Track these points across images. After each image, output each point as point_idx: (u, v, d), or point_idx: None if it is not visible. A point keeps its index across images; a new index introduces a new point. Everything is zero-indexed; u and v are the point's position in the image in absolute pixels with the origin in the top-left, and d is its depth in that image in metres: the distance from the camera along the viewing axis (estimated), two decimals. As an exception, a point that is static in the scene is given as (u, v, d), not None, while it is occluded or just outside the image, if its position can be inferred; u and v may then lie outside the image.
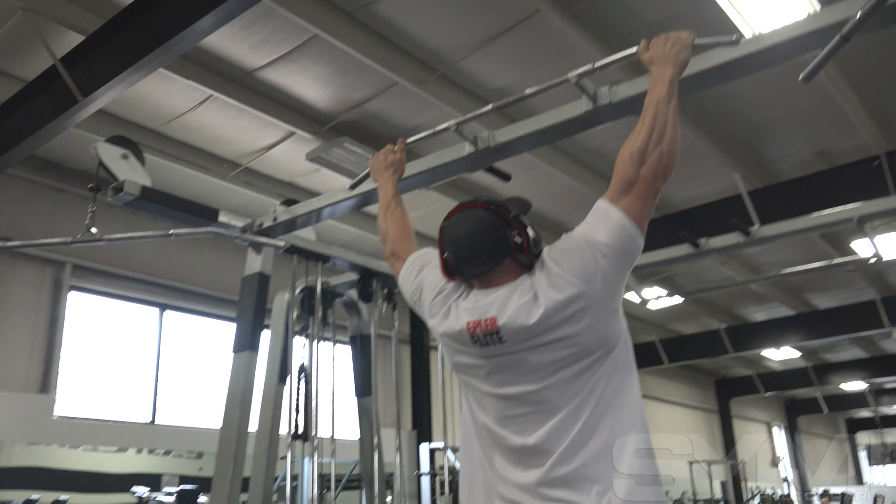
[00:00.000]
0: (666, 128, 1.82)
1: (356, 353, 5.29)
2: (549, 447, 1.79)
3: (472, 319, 1.89)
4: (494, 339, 1.85)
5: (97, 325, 7.63)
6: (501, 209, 1.95)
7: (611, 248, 1.78)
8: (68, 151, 6.76)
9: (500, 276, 1.92)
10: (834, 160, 7.29)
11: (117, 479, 7.64)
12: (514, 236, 1.90)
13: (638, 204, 1.81)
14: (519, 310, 1.82)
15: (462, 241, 1.94)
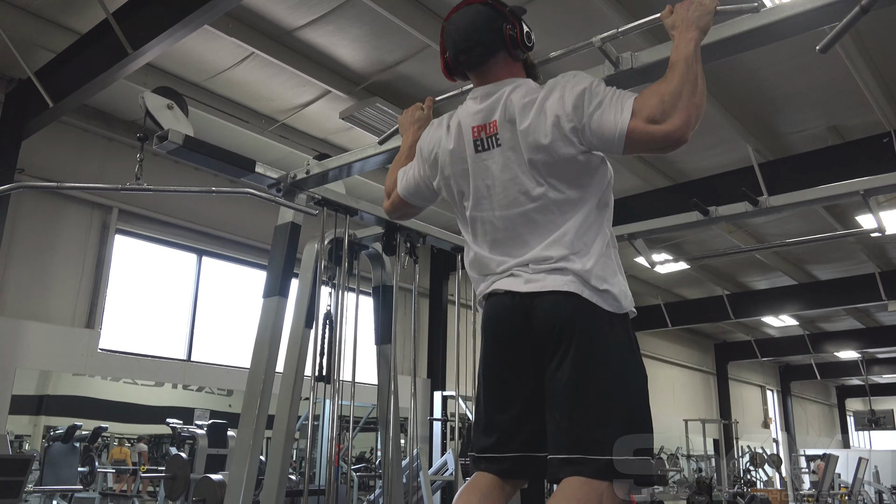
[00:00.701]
0: (697, 82, 1.75)
1: (378, 303, 5.31)
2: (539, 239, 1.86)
3: (477, 124, 1.93)
4: (493, 143, 1.89)
5: (140, 266, 7.72)
6: (497, 3, 1.97)
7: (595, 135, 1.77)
8: (118, 102, 6.79)
9: (496, 69, 1.95)
10: (845, 135, 7.14)
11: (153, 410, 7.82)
12: (509, 29, 1.92)
13: (646, 138, 1.73)
14: (514, 108, 1.86)
15: (459, 32, 1.96)
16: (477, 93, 1.97)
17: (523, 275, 1.85)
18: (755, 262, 11.63)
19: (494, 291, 1.92)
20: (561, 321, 1.77)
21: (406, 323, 9.43)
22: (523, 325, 1.84)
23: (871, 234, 5.20)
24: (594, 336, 1.76)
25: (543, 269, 1.83)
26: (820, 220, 9.29)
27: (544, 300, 1.80)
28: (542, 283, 1.81)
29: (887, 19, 5.39)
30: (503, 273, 1.90)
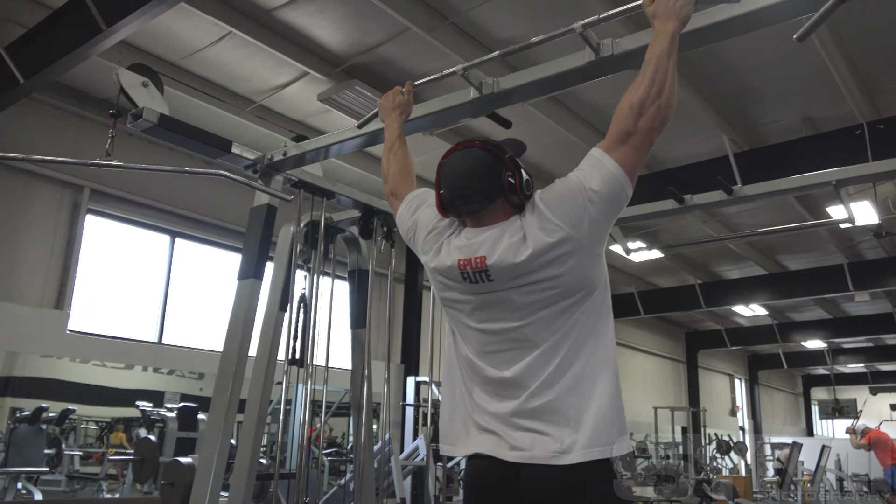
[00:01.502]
0: (665, 82, 1.77)
1: (354, 287, 5.30)
2: (526, 381, 1.80)
3: (463, 257, 1.89)
4: (483, 277, 1.85)
5: (112, 247, 7.62)
6: (498, 149, 1.92)
7: (601, 195, 1.77)
8: (91, 79, 6.66)
9: (492, 215, 1.91)
10: (819, 127, 7.24)
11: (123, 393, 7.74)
12: (508, 177, 1.87)
13: (632, 156, 1.78)
14: (508, 249, 1.81)
15: (458, 178, 1.90)
16: (470, 233, 1.93)
17: (507, 435, 1.81)
18: (728, 251, 11.79)
19: (477, 455, 1.87)
20: (551, 493, 1.74)
21: (381, 308, 9.43)
22: (510, 493, 1.80)
23: (840, 224, 5.29)
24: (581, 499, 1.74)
25: (532, 429, 1.78)
26: (792, 210, 9.43)
27: (532, 472, 1.76)
28: (529, 452, 1.77)
29: (863, 11, 5.46)
30: (486, 423, 1.87)
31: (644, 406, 14.77)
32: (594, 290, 1.84)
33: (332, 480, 7.98)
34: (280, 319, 4.39)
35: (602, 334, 1.84)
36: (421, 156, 7.58)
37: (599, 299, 1.86)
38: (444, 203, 1.97)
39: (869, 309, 15.84)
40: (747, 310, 15.23)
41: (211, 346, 7.97)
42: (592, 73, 2.96)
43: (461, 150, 1.95)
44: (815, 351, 19.88)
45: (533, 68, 3.13)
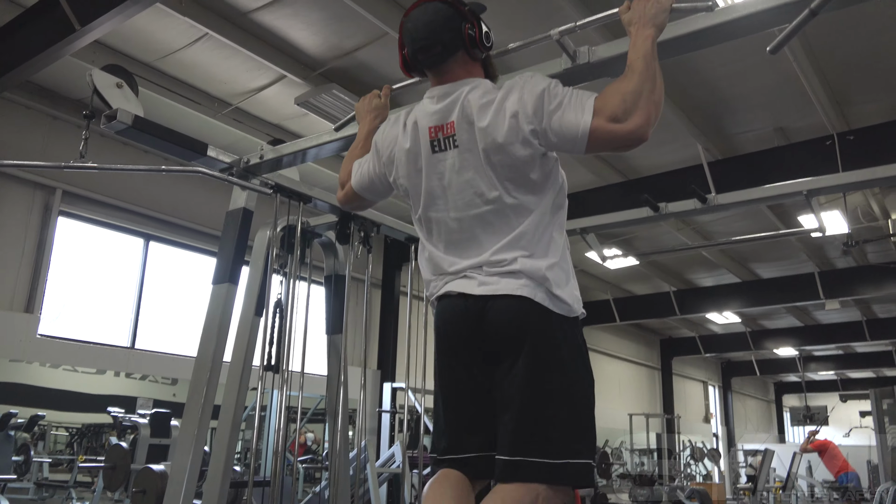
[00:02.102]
0: (656, 80, 1.78)
1: (330, 292, 5.28)
2: (489, 245, 1.86)
3: (434, 125, 1.92)
4: (450, 143, 1.88)
5: (84, 250, 7.51)
6: (458, 3, 1.97)
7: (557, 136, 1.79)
8: (64, 80, 6.57)
9: (454, 69, 1.95)
10: (790, 137, 7.36)
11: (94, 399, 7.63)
12: (468, 28, 1.93)
13: (608, 137, 1.76)
14: (472, 108, 1.86)
15: (419, 30, 1.95)
16: (434, 92, 1.97)
17: (477, 277, 1.86)
18: (702, 259, 11.92)
19: (447, 293, 1.92)
20: (513, 325, 1.78)
21: (357, 313, 9.39)
22: (476, 328, 1.84)
23: (812, 233, 5.38)
24: (545, 341, 1.78)
25: (497, 272, 1.83)
26: (765, 219, 9.57)
27: (497, 303, 1.81)
28: (495, 286, 1.82)
29: (835, 24, 5.57)
30: (456, 274, 1.91)
31: (619, 413, 14.85)
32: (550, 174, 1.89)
33: (308, 488, 7.91)
34: (255, 324, 4.36)
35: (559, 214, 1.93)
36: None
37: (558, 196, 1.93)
38: (406, 60, 2.04)
39: (839, 317, 16.10)
40: (721, 317, 15.40)
41: (185, 351, 7.88)
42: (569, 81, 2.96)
43: (422, 4, 1.99)
44: (786, 358, 20.15)
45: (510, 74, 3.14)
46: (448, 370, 1.92)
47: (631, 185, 8.13)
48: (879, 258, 11.59)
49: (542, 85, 1.82)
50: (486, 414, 1.84)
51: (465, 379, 1.88)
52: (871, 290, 11.84)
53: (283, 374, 4.36)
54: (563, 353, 1.79)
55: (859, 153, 6.47)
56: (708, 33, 2.54)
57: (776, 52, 2.10)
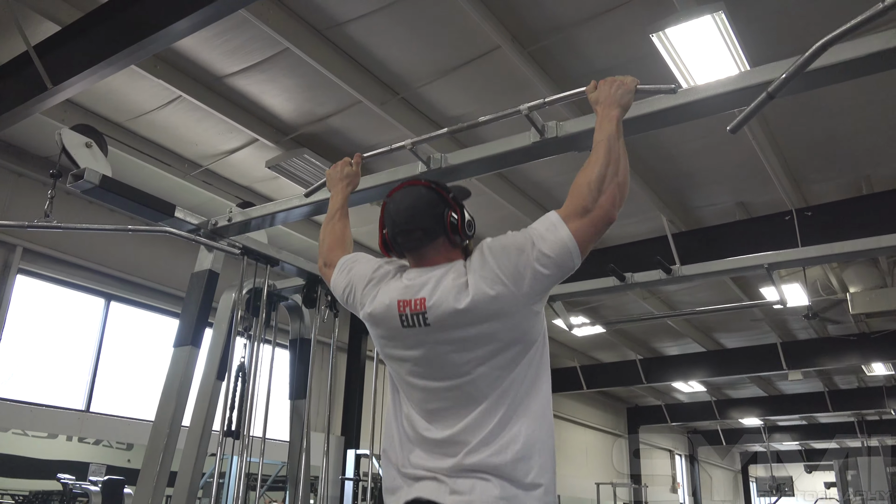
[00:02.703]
0: (620, 161, 1.82)
1: (295, 356, 5.21)
2: (466, 438, 1.78)
3: (403, 298, 1.87)
4: (421, 321, 1.83)
5: (42, 309, 7.32)
6: (441, 188, 1.96)
7: (551, 260, 1.76)
8: (31, 137, 6.52)
9: (434, 254, 1.91)
10: (751, 212, 7.57)
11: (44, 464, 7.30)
12: (450, 215, 1.91)
13: (589, 231, 1.78)
14: (448, 292, 1.80)
15: (400, 214, 1.92)
16: (411, 274, 1.93)
17: (447, 482, 1.78)
18: (667, 328, 12.02)
19: (417, 499, 1.83)
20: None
21: (322, 378, 9.24)
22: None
23: (773, 305, 5.49)
24: None
25: (469, 470, 1.76)
26: (728, 290, 9.73)
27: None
28: (468, 496, 1.74)
29: (793, 107, 5.81)
30: (426, 473, 1.84)
31: (586, 481, 14.66)
32: (531, 346, 1.83)
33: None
34: (217, 389, 4.27)
35: (539, 389, 1.84)
36: (367, 226, 7.62)
37: (538, 355, 1.85)
38: (386, 241, 2.00)
39: (802, 388, 16.26)
40: (686, 386, 15.45)
41: (142, 414, 7.64)
42: (537, 153, 3.06)
43: (405, 188, 1.98)
44: (752, 428, 20.20)
45: (480, 146, 3.21)
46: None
47: (598, 255, 8.20)
48: (839, 331, 11.81)
49: (503, 241, 1.84)
50: None
51: None
52: (831, 361, 12.02)
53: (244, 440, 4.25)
54: None
55: (817, 229, 6.67)
56: (671, 113, 2.64)
57: (735, 131, 2.18)
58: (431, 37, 5.11)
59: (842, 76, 2.43)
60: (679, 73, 5.04)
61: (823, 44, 1.97)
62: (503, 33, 4.95)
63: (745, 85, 2.48)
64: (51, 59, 4.28)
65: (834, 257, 4.70)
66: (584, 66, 5.31)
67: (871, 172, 6.84)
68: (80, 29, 4.19)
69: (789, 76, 2.07)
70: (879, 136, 6.25)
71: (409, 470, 1.87)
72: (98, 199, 4.22)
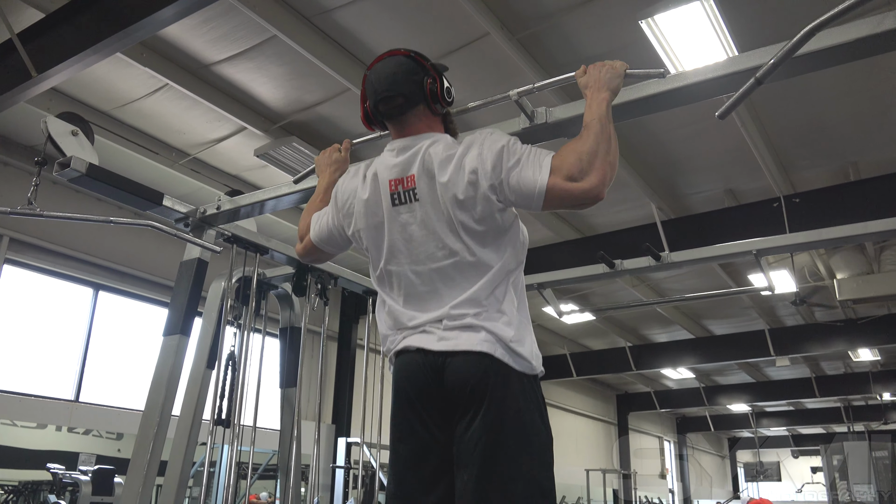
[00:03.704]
0: (611, 142, 1.82)
1: (285, 344, 5.20)
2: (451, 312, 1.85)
3: (394, 178, 1.93)
4: (411, 197, 1.89)
5: (30, 299, 7.28)
6: (420, 57, 2.01)
7: (514, 192, 1.81)
8: (16, 125, 6.46)
9: (415, 122, 1.97)
10: (739, 198, 7.60)
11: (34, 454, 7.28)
12: (430, 82, 1.97)
13: (564, 195, 1.77)
14: (433, 163, 1.88)
15: (381, 82, 1.98)
16: (395, 145, 1.98)
17: (436, 332, 1.85)
18: (656, 315, 12.08)
19: (406, 348, 1.90)
20: (473, 381, 1.77)
21: (312, 366, 9.24)
22: (435, 383, 1.83)
23: (761, 292, 5.52)
24: (505, 398, 1.77)
25: (457, 327, 1.83)
26: (716, 277, 9.78)
27: (457, 359, 1.80)
28: (455, 341, 1.82)
29: (781, 93, 5.83)
30: (415, 329, 1.90)
31: (576, 468, 14.76)
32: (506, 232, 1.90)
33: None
34: (207, 377, 4.25)
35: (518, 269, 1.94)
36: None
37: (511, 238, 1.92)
38: (367, 113, 2.07)
39: (789, 374, 16.40)
40: (675, 373, 15.55)
41: (132, 404, 7.62)
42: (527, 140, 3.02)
43: (385, 57, 2.03)
44: (739, 414, 20.37)
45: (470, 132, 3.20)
46: (406, 426, 1.89)
47: (587, 242, 8.26)
48: (826, 317, 11.91)
49: (502, 142, 1.85)
50: (443, 471, 1.82)
51: (424, 435, 1.85)
52: (818, 347, 12.12)
53: (234, 429, 4.25)
54: (522, 411, 1.78)
55: (805, 215, 6.70)
56: (660, 99, 2.64)
57: (724, 117, 2.18)
58: (420, 24, 5.09)
59: (829, 62, 2.43)
60: (668, 59, 5.05)
61: (811, 29, 1.97)
62: (492, 20, 4.94)
63: (733, 70, 2.48)
64: (35, 46, 4.23)
65: (821, 243, 4.73)
66: (573, 52, 5.30)
67: (858, 159, 6.89)
68: (65, 16, 4.14)
69: (777, 62, 2.07)
70: (867, 122, 6.28)
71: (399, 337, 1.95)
72: (85, 188, 4.19)
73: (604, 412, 18.48)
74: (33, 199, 3.83)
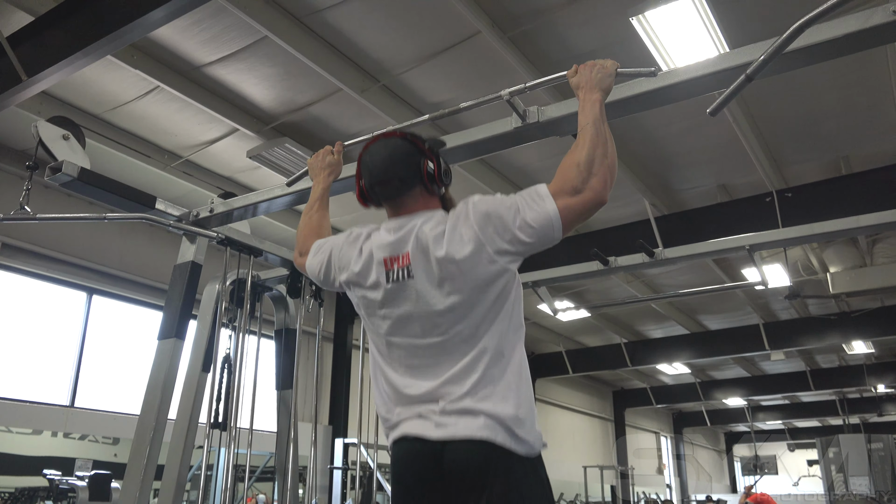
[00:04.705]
0: (607, 144, 1.82)
1: (280, 346, 5.19)
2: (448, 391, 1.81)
3: (390, 256, 1.91)
4: (405, 275, 1.87)
5: (23, 304, 7.25)
6: (416, 139, 2.00)
7: (533, 230, 1.78)
8: (6, 130, 6.43)
9: (412, 203, 1.96)
10: (732, 193, 7.63)
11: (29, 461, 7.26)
12: (427, 164, 1.96)
13: (576, 210, 1.77)
14: (427, 240, 1.86)
15: (377, 165, 1.97)
16: (391, 224, 1.96)
17: (433, 417, 1.81)
18: (651, 311, 12.11)
19: (404, 436, 1.86)
20: (473, 470, 1.73)
21: (308, 368, 9.24)
22: (434, 472, 1.78)
23: (755, 286, 5.54)
24: (508, 484, 1.72)
25: (455, 412, 1.78)
26: (710, 272, 9.81)
27: (456, 447, 1.76)
28: (453, 428, 1.77)
29: (770, 88, 5.85)
30: (412, 411, 1.86)
31: (573, 465, 14.79)
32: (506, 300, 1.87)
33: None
34: (202, 381, 4.25)
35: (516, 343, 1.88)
36: (351, 214, 7.61)
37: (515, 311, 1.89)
38: (363, 192, 2.05)
39: (784, 367, 16.47)
40: (671, 368, 15.59)
41: (127, 409, 7.60)
42: (519, 139, 3.06)
43: (381, 140, 2.02)
44: (735, 408, 20.44)
45: (462, 132, 3.20)
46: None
47: (581, 240, 8.27)
48: (820, 310, 11.96)
49: (490, 203, 1.84)
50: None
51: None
52: (813, 341, 12.18)
53: (231, 432, 4.24)
54: (525, 499, 1.73)
55: (797, 209, 6.73)
56: (651, 96, 2.65)
57: (715, 114, 2.19)
58: (411, 23, 5.09)
59: (819, 57, 2.44)
60: (659, 56, 5.06)
61: (801, 25, 1.98)
62: (483, 18, 4.94)
63: (724, 67, 2.49)
64: (24, 50, 4.21)
65: (814, 237, 4.74)
66: (565, 50, 5.31)
67: (849, 153, 6.92)
68: (55, 19, 4.12)
69: (767, 58, 2.08)
70: (857, 116, 6.31)
71: (395, 419, 1.91)
72: (77, 192, 4.18)
73: (600, 409, 18.52)
74: (26, 203, 3.82)
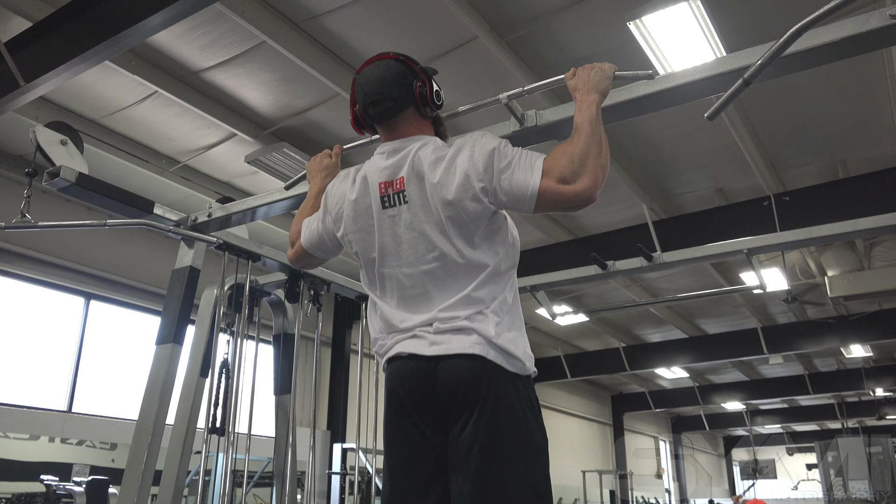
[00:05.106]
0: (602, 144, 1.84)
1: (279, 351, 5.19)
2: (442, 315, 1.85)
3: (384, 180, 1.94)
4: (401, 199, 1.90)
5: (20, 309, 7.23)
6: (409, 60, 2.02)
7: (509, 196, 1.82)
8: (4, 135, 6.42)
9: (405, 125, 1.99)
10: (730, 197, 7.64)
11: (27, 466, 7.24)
12: (419, 86, 1.98)
13: (557, 197, 1.79)
14: (423, 165, 1.88)
15: (371, 85, 1.99)
16: (384, 148, 1.99)
17: (427, 336, 1.85)
18: (649, 315, 12.11)
19: (398, 354, 1.90)
20: (465, 384, 1.77)
21: (307, 372, 9.23)
22: (428, 388, 1.83)
23: (753, 290, 5.54)
24: (498, 400, 1.77)
25: (448, 330, 1.83)
26: (708, 276, 9.82)
27: (449, 363, 1.80)
28: (446, 345, 1.82)
29: (768, 92, 5.86)
30: (406, 333, 1.90)
31: (572, 469, 14.77)
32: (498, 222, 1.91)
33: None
34: (200, 386, 4.24)
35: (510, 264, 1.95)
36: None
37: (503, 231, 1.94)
38: (357, 117, 2.09)
39: (783, 371, 16.47)
40: (669, 372, 15.59)
41: (125, 414, 7.59)
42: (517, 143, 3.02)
43: (375, 61, 2.03)
44: (734, 412, 20.44)
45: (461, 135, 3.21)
46: (400, 431, 1.89)
47: (579, 244, 8.28)
48: (818, 314, 11.97)
49: (493, 144, 1.86)
50: (438, 475, 1.82)
51: (418, 439, 1.85)
52: (811, 344, 12.18)
53: (229, 437, 4.24)
54: (516, 412, 1.78)
55: (795, 213, 6.74)
56: (649, 100, 2.65)
57: (713, 118, 2.20)
58: (408, 28, 5.10)
59: (817, 61, 2.45)
60: (656, 60, 5.07)
61: (798, 29, 1.99)
62: (480, 23, 4.95)
63: (721, 71, 2.49)
64: (22, 55, 4.21)
65: (812, 241, 4.75)
66: (562, 55, 5.32)
67: (847, 156, 6.93)
68: (52, 24, 4.13)
69: (765, 62, 2.09)
70: (854, 120, 6.33)
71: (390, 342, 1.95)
72: (75, 198, 4.18)
73: (599, 413, 18.50)
74: (26, 211, 3.82)
